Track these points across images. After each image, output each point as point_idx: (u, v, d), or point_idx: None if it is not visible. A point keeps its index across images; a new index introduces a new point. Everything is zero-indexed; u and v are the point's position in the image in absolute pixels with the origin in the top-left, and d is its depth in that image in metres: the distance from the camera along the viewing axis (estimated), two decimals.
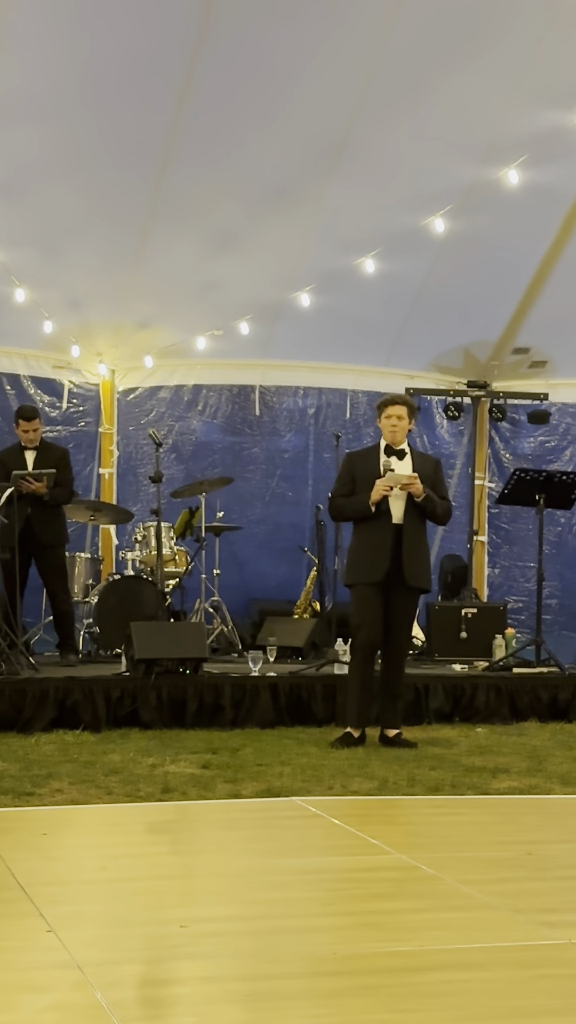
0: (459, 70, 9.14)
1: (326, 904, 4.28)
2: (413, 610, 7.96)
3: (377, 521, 7.67)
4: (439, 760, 7.19)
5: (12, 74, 8.70)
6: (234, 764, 6.89)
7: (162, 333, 11.47)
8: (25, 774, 6.47)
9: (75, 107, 9.11)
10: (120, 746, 7.47)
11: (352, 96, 9.29)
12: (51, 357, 11.51)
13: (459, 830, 5.58)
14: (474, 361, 12.21)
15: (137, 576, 10.42)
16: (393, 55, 8.91)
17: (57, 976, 3.42)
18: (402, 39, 8.80)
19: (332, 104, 9.35)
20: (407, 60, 8.99)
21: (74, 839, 5.45)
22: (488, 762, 7.14)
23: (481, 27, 8.85)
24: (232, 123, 9.41)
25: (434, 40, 8.90)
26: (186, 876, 4.68)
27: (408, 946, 3.71)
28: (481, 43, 8.95)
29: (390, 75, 9.09)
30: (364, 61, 8.99)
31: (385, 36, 8.78)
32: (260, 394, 12.04)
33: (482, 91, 9.36)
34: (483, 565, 12.44)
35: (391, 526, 7.65)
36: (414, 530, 7.72)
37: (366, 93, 9.24)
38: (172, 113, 9.22)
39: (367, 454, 7.97)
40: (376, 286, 10.84)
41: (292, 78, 9.12)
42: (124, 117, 9.24)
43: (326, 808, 5.78)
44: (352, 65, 9.03)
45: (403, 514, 7.67)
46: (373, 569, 7.65)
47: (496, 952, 3.69)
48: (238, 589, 11.53)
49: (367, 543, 7.72)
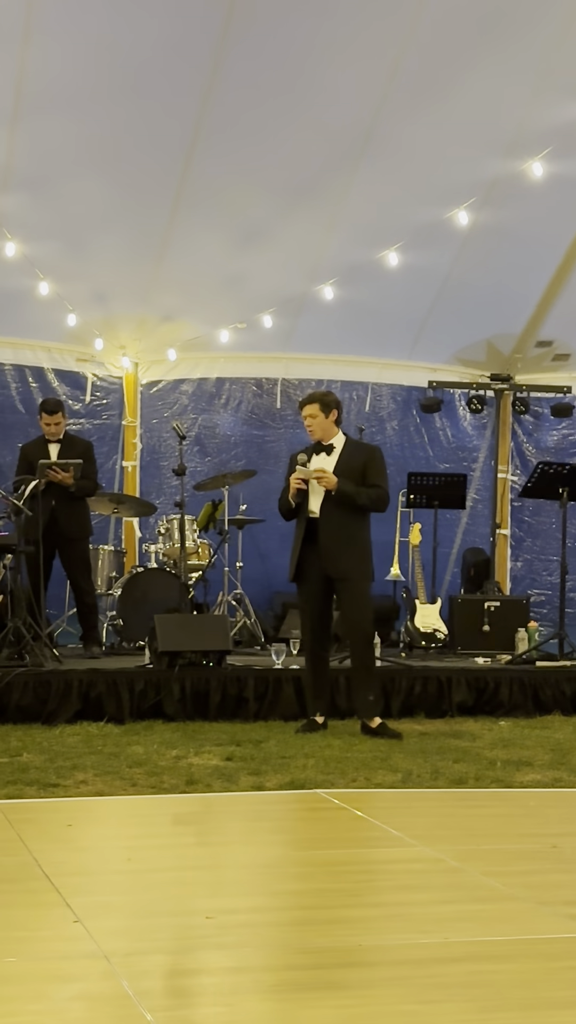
0: (484, 63, 9.12)
1: (352, 895, 4.28)
2: (352, 600, 7.82)
3: (300, 517, 7.85)
4: (463, 753, 7.19)
5: (39, 67, 8.72)
6: (258, 756, 6.90)
7: (186, 326, 11.49)
8: (50, 765, 6.50)
9: (102, 100, 9.13)
10: (144, 738, 7.49)
11: (378, 89, 9.27)
12: (75, 350, 11.54)
13: (483, 823, 5.58)
14: (497, 354, 12.19)
15: (160, 569, 10.45)
16: (419, 48, 8.90)
17: (85, 966, 3.44)
18: (428, 32, 8.78)
19: (358, 97, 9.35)
20: (433, 53, 8.97)
21: (99, 830, 5.47)
22: (512, 755, 7.14)
23: (507, 19, 8.82)
24: (258, 116, 9.42)
25: (460, 33, 8.88)
26: (211, 867, 4.69)
27: (434, 938, 3.71)
28: (507, 36, 8.93)
29: (416, 68, 9.07)
30: (390, 54, 8.97)
31: (411, 29, 8.77)
32: (283, 387, 12.05)
33: (507, 84, 9.33)
34: (506, 558, 12.43)
35: (308, 521, 7.78)
36: (334, 522, 7.75)
37: (392, 86, 9.23)
38: (198, 106, 9.23)
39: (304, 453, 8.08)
40: (400, 279, 10.82)
41: (318, 71, 9.11)
42: (150, 110, 9.25)
43: (350, 800, 5.78)
44: (378, 58, 9.02)
45: (320, 507, 7.76)
46: (292, 565, 7.86)
47: (522, 944, 3.70)
48: (261, 582, 11.55)
49: (294, 540, 7.90)
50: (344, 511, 7.79)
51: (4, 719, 7.94)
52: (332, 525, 7.76)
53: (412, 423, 12.28)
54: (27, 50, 8.59)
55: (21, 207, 9.80)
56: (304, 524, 7.80)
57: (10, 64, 8.68)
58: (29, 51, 8.60)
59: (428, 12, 8.66)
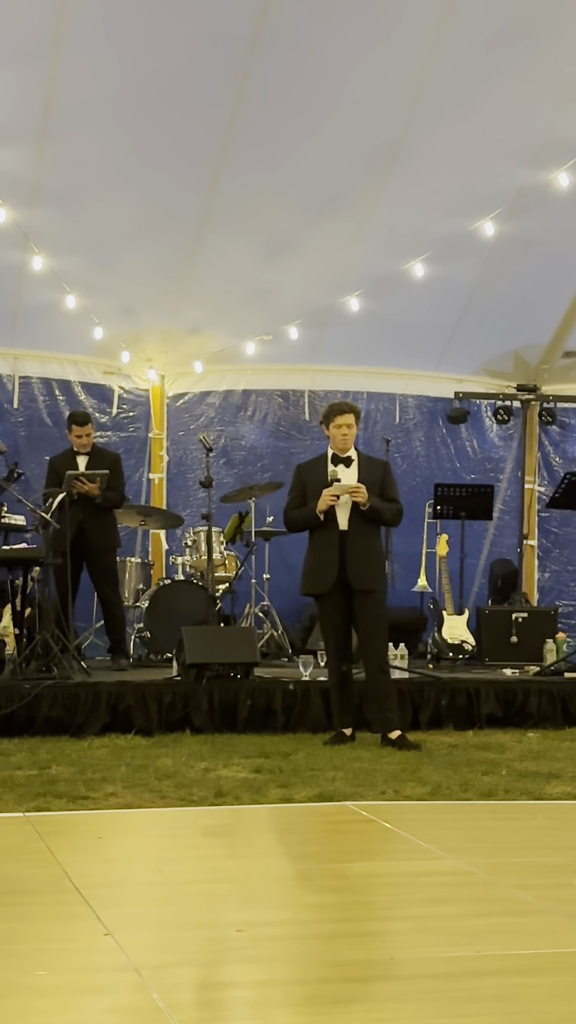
0: (510, 74, 9.11)
1: (382, 908, 4.28)
2: (374, 612, 7.86)
3: (325, 530, 7.83)
4: (492, 765, 7.16)
5: (67, 82, 8.75)
6: (286, 769, 6.89)
7: (212, 338, 11.51)
8: (79, 777, 6.51)
9: (130, 114, 9.16)
10: (172, 750, 7.49)
11: (404, 101, 9.28)
12: (101, 363, 11.58)
13: (514, 835, 5.56)
14: (524, 365, 12.16)
15: (187, 581, 10.45)
16: (445, 59, 8.90)
17: (116, 978, 3.44)
18: (454, 43, 8.78)
19: (384, 109, 9.35)
20: (459, 64, 8.97)
21: (129, 842, 5.48)
22: (541, 767, 7.11)
23: (533, 31, 8.81)
24: (285, 129, 9.44)
25: (485, 44, 8.87)
26: (241, 880, 4.68)
27: (466, 951, 3.69)
28: (532, 47, 8.92)
29: (442, 79, 9.07)
30: (416, 66, 8.98)
31: (437, 41, 8.77)
32: (309, 399, 12.05)
33: (532, 94, 9.32)
34: (533, 569, 12.39)
35: (339, 534, 7.78)
36: (361, 535, 7.82)
37: (418, 97, 9.23)
38: (225, 119, 9.25)
39: (315, 464, 8.12)
40: (426, 290, 10.81)
41: (344, 84, 9.12)
42: (178, 124, 9.28)
43: (379, 813, 5.77)
44: (404, 70, 9.02)
45: (348, 521, 7.78)
46: (323, 579, 7.81)
47: (554, 958, 3.68)
48: (288, 593, 11.50)
49: (317, 553, 7.89)
50: (368, 525, 7.85)
51: (33, 731, 7.96)
52: (360, 538, 7.82)
53: (439, 434, 12.26)
54: (56, 65, 8.63)
55: (49, 221, 9.85)
56: (335, 537, 7.79)
57: (39, 79, 8.72)
58: (58, 66, 8.64)
59: (454, 25, 8.65)
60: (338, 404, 8.11)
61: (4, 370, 11.31)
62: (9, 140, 9.15)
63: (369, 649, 7.90)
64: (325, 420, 8.02)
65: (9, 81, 8.69)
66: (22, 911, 4.14)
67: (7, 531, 9.17)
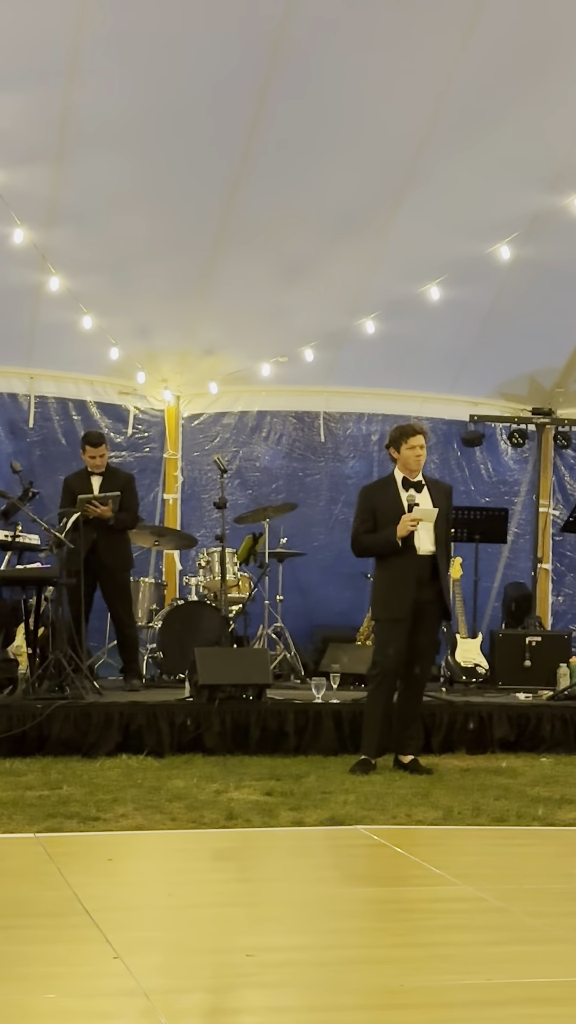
0: (526, 99, 9.12)
1: (394, 935, 4.24)
2: (435, 637, 7.99)
3: (402, 555, 7.67)
4: (504, 790, 7.12)
5: (85, 104, 8.79)
6: (298, 791, 6.87)
7: (227, 360, 11.53)
8: (90, 798, 6.49)
9: (146, 136, 9.20)
10: (184, 772, 7.47)
11: (421, 125, 9.29)
12: (117, 383, 11.60)
13: (526, 861, 5.52)
14: (539, 388, 12.15)
15: (201, 601, 10.44)
16: (462, 84, 8.91)
17: (124, 1003, 3.42)
18: (471, 68, 8.80)
19: (401, 133, 9.37)
20: (476, 88, 8.99)
21: (140, 865, 5.45)
22: (554, 792, 7.07)
23: (549, 55, 8.83)
24: (302, 152, 9.46)
25: (502, 68, 8.89)
26: (252, 904, 4.66)
27: (478, 979, 3.66)
28: (548, 72, 8.93)
29: (458, 104, 9.08)
30: (433, 91, 8.99)
31: (454, 66, 8.78)
32: (324, 420, 12.06)
33: (548, 119, 9.33)
34: (547, 593, 12.35)
35: (416, 559, 7.65)
36: (443, 560, 7.77)
37: (435, 122, 9.25)
38: (243, 142, 9.28)
39: (384, 486, 7.93)
40: (441, 313, 10.82)
41: (362, 108, 9.14)
42: (195, 145, 9.31)
43: (390, 837, 5.74)
44: (421, 95, 9.04)
45: (433, 545, 7.68)
46: (402, 603, 7.64)
47: (568, 987, 3.64)
48: (301, 615, 11.53)
49: (394, 578, 7.71)
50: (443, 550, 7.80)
51: (44, 751, 7.94)
52: (444, 564, 7.76)
53: (453, 457, 12.25)
54: (73, 87, 8.67)
55: (66, 242, 9.88)
56: (414, 563, 7.63)
57: (56, 101, 8.76)
58: (75, 88, 8.68)
59: (471, 49, 8.67)
60: (410, 425, 7.94)
61: (20, 389, 11.34)
62: (27, 160, 9.18)
63: (423, 672, 7.84)
64: (394, 443, 7.79)
65: (27, 101, 8.72)
66: (31, 933, 4.12)
67: (21, 550, 9.17)
